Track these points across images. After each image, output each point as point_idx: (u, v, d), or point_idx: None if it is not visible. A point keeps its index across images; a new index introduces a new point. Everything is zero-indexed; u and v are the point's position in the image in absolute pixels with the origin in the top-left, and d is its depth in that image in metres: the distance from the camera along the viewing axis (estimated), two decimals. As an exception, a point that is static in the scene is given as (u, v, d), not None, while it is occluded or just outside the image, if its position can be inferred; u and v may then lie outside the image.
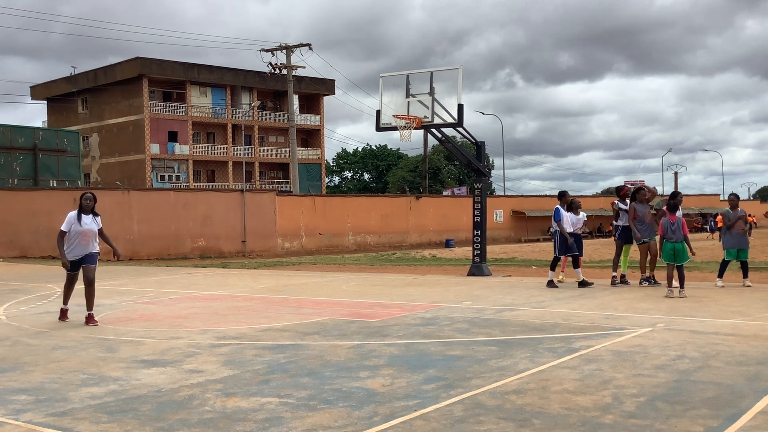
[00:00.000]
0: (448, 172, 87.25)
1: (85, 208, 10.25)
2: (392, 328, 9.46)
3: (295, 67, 47.04)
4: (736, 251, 13.82)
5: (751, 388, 5.88)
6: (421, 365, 7.01)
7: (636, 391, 5.82)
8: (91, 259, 10.35)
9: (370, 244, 39.93)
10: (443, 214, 44.47)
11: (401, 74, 18.14)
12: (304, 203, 37.61)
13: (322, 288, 15.48)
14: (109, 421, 5.28)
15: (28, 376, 6.89)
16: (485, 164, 22.68)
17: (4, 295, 14.70)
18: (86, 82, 62.07)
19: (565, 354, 7.41)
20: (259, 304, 12.45)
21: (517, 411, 5.32)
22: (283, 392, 6.03)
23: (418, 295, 13.58)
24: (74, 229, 10.23)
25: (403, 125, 17.39)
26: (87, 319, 10.23)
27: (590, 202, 57.89)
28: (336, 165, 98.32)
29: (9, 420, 5.33)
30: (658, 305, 11.18)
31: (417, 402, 5.61)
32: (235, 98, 64.43)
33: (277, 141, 67.93)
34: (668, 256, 12.26)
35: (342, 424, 5.08)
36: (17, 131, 38.21)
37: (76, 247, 10.29)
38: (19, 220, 30.22)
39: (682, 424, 4.91)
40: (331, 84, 68.32)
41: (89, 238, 10.26)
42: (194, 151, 61.72)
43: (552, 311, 10.76)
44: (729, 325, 9.07)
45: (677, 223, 12.24)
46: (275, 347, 8.17)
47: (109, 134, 61.48)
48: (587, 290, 13.62)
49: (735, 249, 13.81)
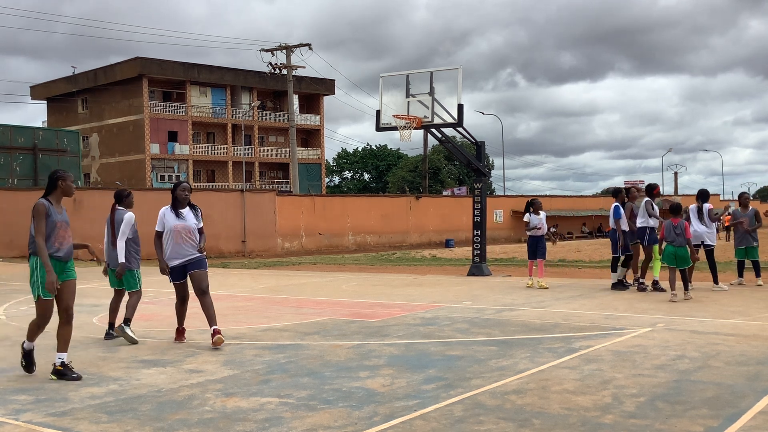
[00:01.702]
0: (448, 172, 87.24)
1: (181, 201, 8.35)
2: (392, 328, 9.46)
3: (295, 67, 47.03)
4: (744, 250, 13.84)
5: (751, 388, 5.88)
6: (421, 365, 7.01)
7: (636, 391, 5.82)
8: (198, 263, 8.36)
9: (370, 244, 39.92)
10: (443, 214, 44.44)
11: (401, 74, 18.15)
12: (304, 203, 37.59)
13: (322, 288, 15.48)
14: (109, 421, 5.28)
15: (28, 376, 6.89)
16: (485, 164, 22.69)
17: (4, 295, 14.69)
18: (86, 82, 62.06)
19: (565, 354, 7.41)
20: (259, 304, 12.44)
21: (517, 411, 5.32)
22: (283, 392, 6.03)
23: (418, 295, 13.58)
24: (169, 225, 8.30)
25: (403, 125, 17.40)
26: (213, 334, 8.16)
27: (590, 202, 58.01)
28: (336, 165, 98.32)
29: (9, 420, 5.33)
30: (658, 305, 11.18)
31: (417, 402, 5.61)
32: (235, 98, 64.42)
33: (277, 141, 67.92)
34: (670, 259, 11.81)
35: (342, 424, 5.08)
36: (17, 131, 38.23)
37: (172, 248, 8.34)
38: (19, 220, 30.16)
39: (682, 424, 4.91)
40: (331, 84, 68.32)
41: (190, 236, 8.29)
42: (194, 151, 61.71)
43: (552, 311, 10.76)
44: (729, 325, 9.07)
45: (680, 226, 11.77)
46: (275, 347, 8.17)
47: (109, 134, 61.47)
48: (587, 290, 13.62)
49: (742, 248, 13.85)
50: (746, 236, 13.84)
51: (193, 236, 8.30)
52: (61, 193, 6.81)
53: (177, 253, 8.31)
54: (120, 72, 59.55)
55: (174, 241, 8.29)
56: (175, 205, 8.33)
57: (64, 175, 6.86)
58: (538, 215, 14.42)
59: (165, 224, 8.31)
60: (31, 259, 6.64)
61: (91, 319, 10.84)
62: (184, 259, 8.31)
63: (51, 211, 6.63)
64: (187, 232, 8.26)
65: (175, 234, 8.26)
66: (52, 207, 6.66)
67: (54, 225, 6.64)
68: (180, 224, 8.24)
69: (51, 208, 6.64)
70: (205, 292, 8.30)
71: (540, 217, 14.46)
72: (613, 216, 13.48)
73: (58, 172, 6.89)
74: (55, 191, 6.79)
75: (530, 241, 14.60)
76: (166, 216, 8.32)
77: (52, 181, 6.80)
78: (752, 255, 13.86)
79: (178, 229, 8.24)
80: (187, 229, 8.26)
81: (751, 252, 13.86)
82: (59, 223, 6.70)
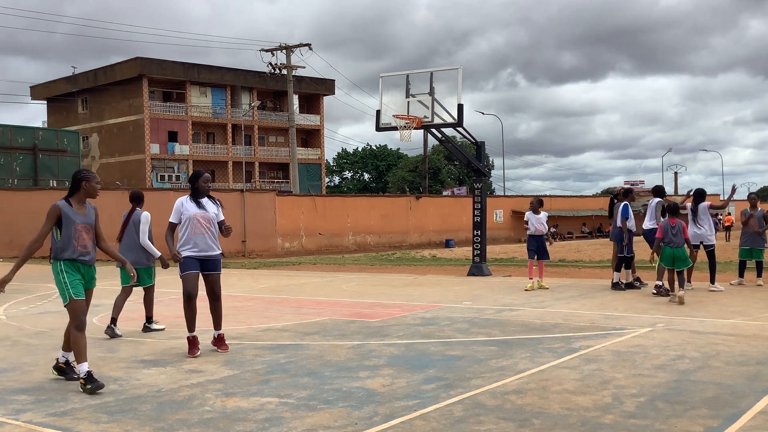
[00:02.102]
0: (448, 172, 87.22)
1: (202, 191, 7.93)
2: (392, 328, 9.46)
3: (295, 67, 47.04)
4: (749, 251, 13.83)
5: (751, 388, 5.88)
6: (421, 365, 7.01)
7: (636, 391, 5.82)
8: (213, 265, 7.95)
9: (370, 244, 39.91)
10: (443, 214, 44.44)
11: (401, 74, 18.15)
12: (304, 203, 37.59)
13: (322, 288, 15.48)
14: (109, 421, 5.28)
15: (28, 376, 6.89)
16: (485, 164, 22.68)
17: (4, 295, 14.66)
18: (86, 82, 62.07)
19: (565, 354, 7.41)
20: (259, 304, 12.44)
21: (517, 411, 5.32)
22: (283, 392, 6.03)
23: (418, 295, 13.58)
24: (189, 213, 7.80)
25: (403, 125, 17.40)
26: (215, 341, 8.12)
27: (590, 202, 58.03)
28: (336, 165, 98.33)
29: (9, 420, 5.33)
30: (658, 305, 11.18)
31: (417, 402, 5.61)
32: (235, 98, 64.43)
33: (277, 141, 67.92)
34: (668, 260, 11.69)
35: (342, 424, 5.08)
36: (17, 131, 38.23)
37: (189, 238, 7.80)
38: (19, 220, 30.20)
39: (682, 424, 4.91)
40: (331, 84, 68.33)
41: (210, 227, 7.83)
42: (194, 151, 61.71)
43: (552, 311, 10.76)
44: (729, 325, 9.07)
45: (677, 227, 11.64)
46: (275, 347, 8.17)
47: (109, 134, 61.47)
48: (587, 290, 13.62)
49: (748, 248, 13.84)
50: (754, 237, 13.77)
51: (213, 227, 7.86)
52: (84, 194, 6.53)
53: (194, 244, 7.78)
54: (120, 72, 59.55)
55: (192, 232, 7.76)
56: (195, 194, 7.89)
57: (89, 176, 6.58)
58: (537, 214, 13.97)
59: (183, 213, 7.80)
60: (54, 265, 6.41)
61: (91, 319, 10.83)
62: (201, 252, 7.79)
63: (68, 213, 6.36)
64: (207, 222, 7.80)
65: (195, 223, 7.74)
66: (71, 209, 6.40)
67: (73, 227, 6.37)
68: (200, 213, 7.78)
69: (68, 210, 6.38)
70: (218, 297, 8.06)
71: (539, 216, 13.98)
72: (621, 215, 13.36)
73: (81, 172, 6.60)
74: (77, 192, 6.52)
75: (530, 241, 14.31)
76: (185, 205, 7.82)
77: (76, 182, 6.53)
78: (757, 255, 13.86)
79: (198, 218, 7.75)
80: (208, 219, 7.81)
81: (756, 252, 13.85)
82: (79, 225, 6.40)
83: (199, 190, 7.88)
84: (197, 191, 7.88)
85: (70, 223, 6.35)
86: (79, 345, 6.25)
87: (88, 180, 6.53)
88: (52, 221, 6.35)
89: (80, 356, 6.22)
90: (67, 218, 6.35)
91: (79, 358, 6.22)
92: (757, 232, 13.74)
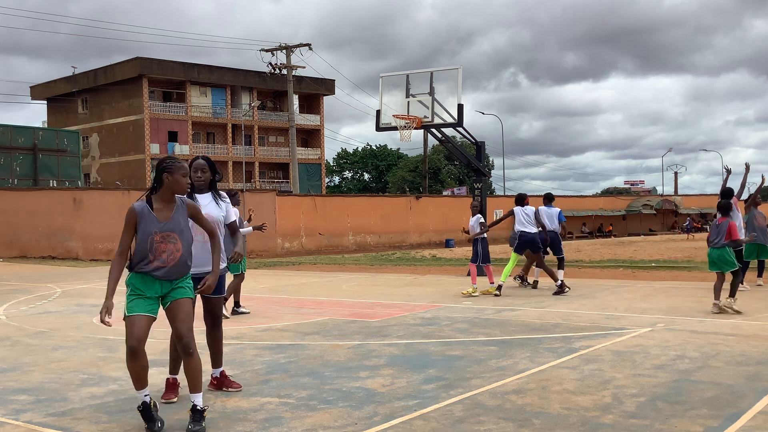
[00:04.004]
0: (448, 172, 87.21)
1: (195, 183, 5.98)
2: (392, 328, 9.46)
3: (295, 67, 47.04)
4: (756, 249, 13.75)
5: (751, 388, 5.88)
6: (421, 365, 7.01)
7: (636, 391, 5.82)
8: (219, 286, 6.01)
9: (370, 244, 39.91)
10: (443, 214, 44.43)
11: (401, 74, 18.15)
12: (304, 203, 37.59)
13: (322, 288, 15.48)
14: (109, 421, 5.28)
15: (28, 376, 6.88)
16: (485, 164, 22.69)
17: (4, 295, 14.69)
18: (86, 82, 62.08)
19: (565, 354, 7.41)
20: (259, 304, 12.44)
21: (517, 411, 5.32)
22: (283, 392, 6.03)
23: (418, 295, 13.58)
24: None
25: (403, 125, 17.41)
26: (215, 381, 6.24)
27: (590, 202, 58.08)
28: (336, 165, 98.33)
29: (9, 420, 5.33)
30: (658, 305, 11.17)
31: (417, 402, 5.61)
32: (235, 98, 64.44)
33: (277, 141, 67.93)
34: (711, 264, 10.46)
35: (342, 424, 5.08)
36: (17, 131, 38.22)
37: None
38: (19, 220, 30.21)
39: (682, 424, 4.91)
40: (331, 84, 68.35)
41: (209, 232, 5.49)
42: (194, 151, 61.64)
43: (552, 311, 10.76)
44: (729, 325, 9.07)
45: (723, 225, 10.23)
46: (275, 347, 8.17)
47: (109, 134, 61.48)
48: (587, 290, 13.62)
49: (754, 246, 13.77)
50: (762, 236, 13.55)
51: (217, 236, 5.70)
52: (168, 190, 5.05)
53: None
54: (120, 72, 59.57)
55: None
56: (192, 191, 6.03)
57: (172, 166, 5.04)
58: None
59: None
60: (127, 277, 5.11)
61: (90, 319, 10.84)
62: (198, 268, 5.74)
63: (146, 218, 4.97)
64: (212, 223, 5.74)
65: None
66: (151, 213, 4.98)
67: (149, 238, 4.96)
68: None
69: (147, 214, 4.98)
70: (218, 322, 6.18)
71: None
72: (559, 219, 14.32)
73: (164, 161, 5.08)
74: (160, 188, 5.06)
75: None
76: None
77: (157, 174, 5.07)
78: (763, 255, 13.81)
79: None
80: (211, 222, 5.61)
81: (762, 252, 13.77)
82: (158, 235, 4.96)
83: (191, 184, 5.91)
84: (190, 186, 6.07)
85: (147, 233, 4.96)
86: (131, 372, 5.01)
87: (170, 171, 5.04)
88: (130, 229, 5.00)
89: (135, 383, 5.05)
90: (144, 225, 4.98)
91: (135, 385, 5.06)
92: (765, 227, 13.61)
